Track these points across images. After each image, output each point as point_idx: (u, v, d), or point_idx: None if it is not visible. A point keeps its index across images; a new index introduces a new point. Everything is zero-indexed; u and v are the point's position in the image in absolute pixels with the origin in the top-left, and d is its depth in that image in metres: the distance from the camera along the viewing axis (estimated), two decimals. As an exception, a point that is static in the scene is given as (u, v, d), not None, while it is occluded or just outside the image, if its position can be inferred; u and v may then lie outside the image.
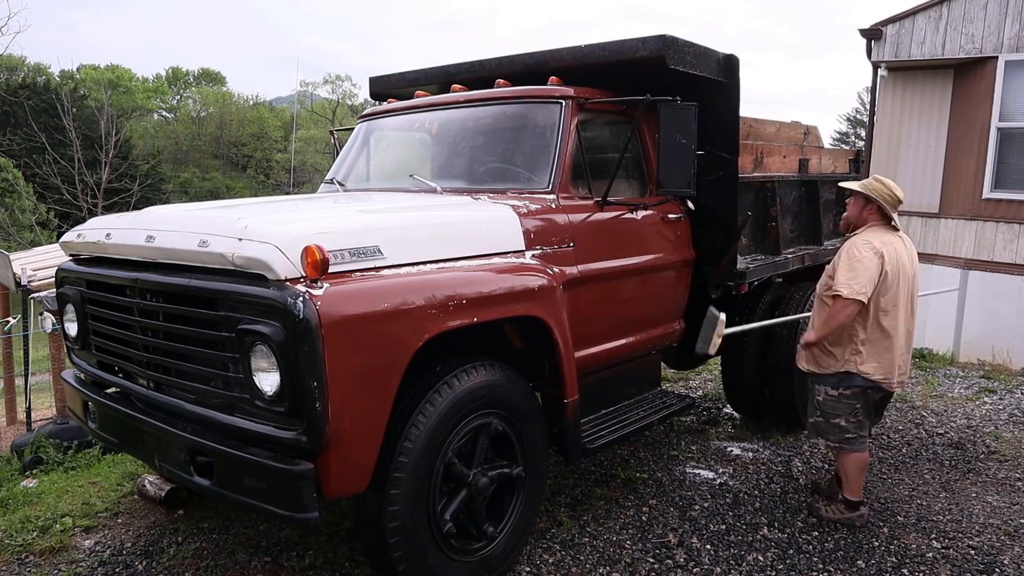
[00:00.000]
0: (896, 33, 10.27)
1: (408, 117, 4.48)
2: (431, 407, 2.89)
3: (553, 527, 3.88)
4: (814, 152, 5.71)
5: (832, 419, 3.91)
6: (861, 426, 3.90)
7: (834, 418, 3.90)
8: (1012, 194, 9.50)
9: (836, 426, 3.90)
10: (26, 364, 8.70)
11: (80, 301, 3.49)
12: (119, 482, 4.47)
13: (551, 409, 3.52)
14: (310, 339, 2.47)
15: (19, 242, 22.86)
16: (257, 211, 3.23)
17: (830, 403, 3.91)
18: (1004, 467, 4.88)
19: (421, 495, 2.89)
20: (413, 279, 2.85)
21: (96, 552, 3.66)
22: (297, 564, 3.51)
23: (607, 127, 4.14)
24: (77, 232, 3.55)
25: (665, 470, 4.72)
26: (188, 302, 2.88)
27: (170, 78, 55.71)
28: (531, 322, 3.30)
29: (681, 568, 3.52)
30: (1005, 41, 9.43)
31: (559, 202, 3.64)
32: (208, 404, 2.92)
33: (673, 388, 6.64)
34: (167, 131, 45.49)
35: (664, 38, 3.76)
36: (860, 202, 3.90)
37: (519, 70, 4.24)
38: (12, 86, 32.18)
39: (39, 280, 7.34)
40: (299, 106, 44.20)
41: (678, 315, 4.55)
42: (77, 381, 3.64)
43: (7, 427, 8.24)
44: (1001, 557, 3.66)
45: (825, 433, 3.97)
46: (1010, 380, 7.13)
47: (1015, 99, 9.46)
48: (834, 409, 3.90)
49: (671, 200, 4.16)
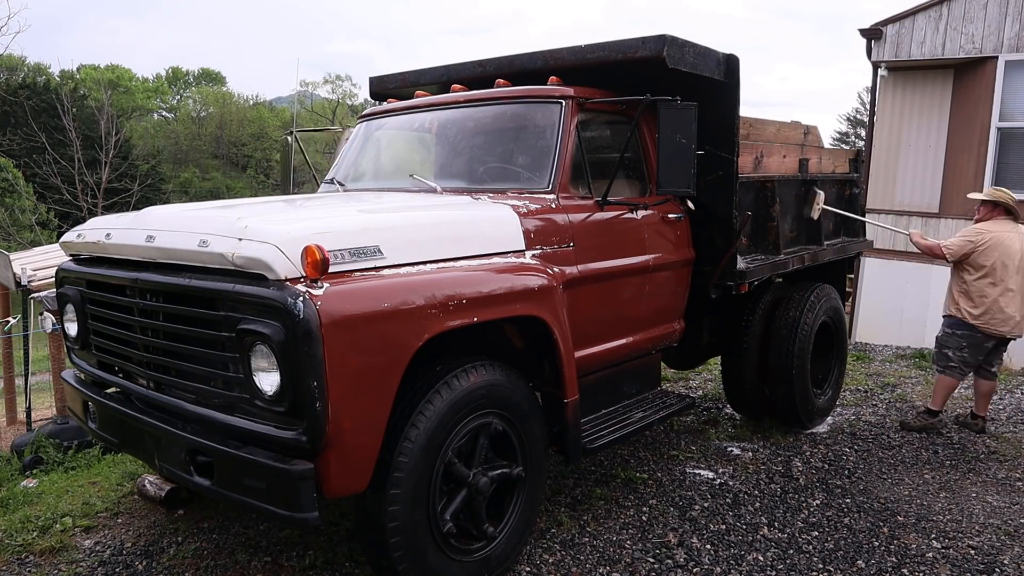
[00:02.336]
0: (896, 33, 10.26)
1: (408, 117, 4.48)
2: (431, 407, 2.89)
3: (553, 527, 3.88)
4: (814, 152, 5.71)
5: (943, 349, 5.41)
6: (964, 361, 5.34)
7: (944, 348, 5.40)
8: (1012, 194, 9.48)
9: (943, 355, 5.40)
10: (26, 364, 8.69)
11: (80, 301, 3.49)
12: (119, 482, 4.47)
13: (551, 409, 3.51)
14: (310, 339, 2.47)
15: (19, 242, 22.85)
16: (257, 211, 3.23)
17: (943, 338, 5.43)
18: (1004, 467, 4.88)
19: (421, 495, 2.88)
20: (413, 279, 2.85)
21: (96, 552, 3.67)
22: (297, 564, 3.51)
23: (607, 127, 4.14)
24: (77, 232, 3.55)
25: (665, 470, 4.72)
26: (188, 302, 2.88)
27: (170, 78, 55.69)
28: (531, 322, 3.30)
29: (681, 568, 3.52)
30: (1005, 41, 9.42)
31: (559, 202, 3.64)
32: (208, 404, 2.92)
33: (673, 388, 6.64)
34: (167, 131, 45.45)
35: (664, 38, 3.76)
36: (988, 206, 5.40)
37: (519, 70, 4.24)
38: (12, 86, 32.17)
39: (39, 280, 7.34)
40: (299, 106, 44.17)
41: (678, 315, 4.55)
42: (77, 381, 3.64)
43: (7, 427, 8.24)
44: (1001, 557, 3.66)
45: (936, 360, 5.56)
46: (1010, 380, 7.12)
47: (1015, 99, 9.45)
48: (945, 342, 5.40)
49: (671, 200, 4.16)
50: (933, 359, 5.85)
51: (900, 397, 6.55)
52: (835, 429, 5.62)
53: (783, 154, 5.25)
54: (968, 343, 5.29)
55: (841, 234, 6.11)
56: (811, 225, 5.57)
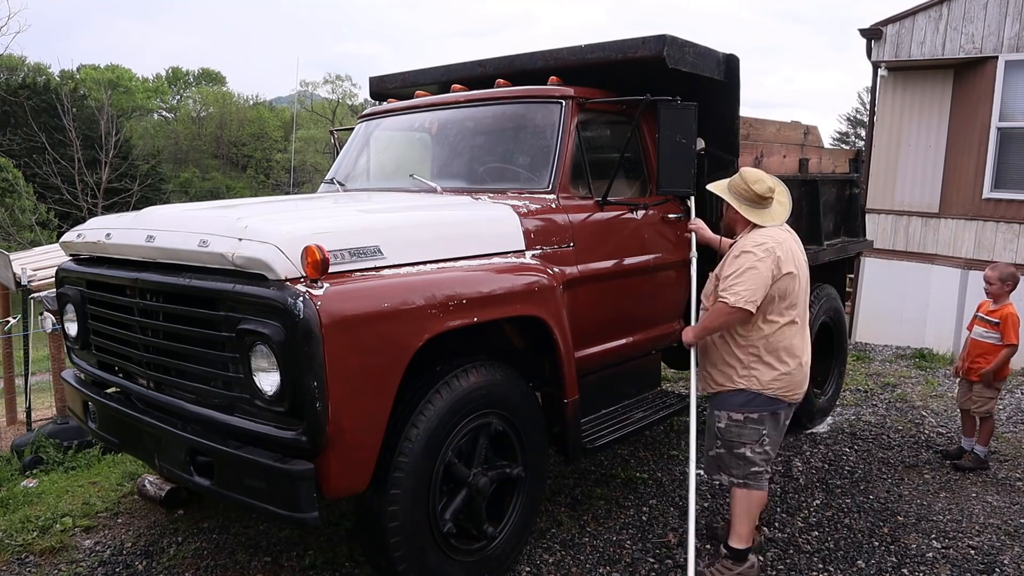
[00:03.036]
0: (896, 33, 10.26)
1: (408, 117, 4.47)
2: (431, 407, 2.89)
3: (553, 527, 3.88)
4: (814, 152, 5.71)
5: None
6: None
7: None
8: (1012, 194, 9.49)
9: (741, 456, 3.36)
10: (26, 364, 8.69)
11: (80, 301, 3.49)
12: (119, 482, 4.47)
13: (551, 409, 3.51)
14: (310, 339, 2.47)
15: (19, 242, 22.85)
16: (257, 211, 3.23)
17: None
18: (1004, 467, 4.88)
19: (421, 495, 2.88)
20: (413, 279, 2.84)
21: (96, 552, 3.66)
22: (297, 564, 3.51)
23: (607, 127, 4.14)
24: (77, 232, 3.55)
25: (665, 470, 4.72)
26: (188, 302, 2.87)
27: (170, 78, 55.67)
28: (531, 322, 3.29)
29: (681, 568, 3.52)
30: (1005, 41, 9.42)
31: (559, 202, 3.64)
32: (208, 404, 2.92)
33: (673, 388, 6.64)
34: (167, 131, 45.44)
35: (664, 38, 3.76)
36: None
37: (519, 70, 4.23)
38: (12, 86, 32.17)
39: (39, 280, 7.33)
40: (299, 106, 44.17)
41: (678, 315, 4.55)
42: (77, 381, 3.64)
43: (7, 427, 8.24)
44: (1001, 557, 3.66)
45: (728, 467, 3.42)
46: (1010, 380, 7.12)
47: (1015, 99, 9.44)
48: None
49: (671, 200, 4.16)
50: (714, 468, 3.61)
51: (900, 397, 6.55)
52: (835, 429, 5.62)
53: (783, 154, 5.25)
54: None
55: (841, 234, 6.11)
56: (811, 225, 5.56)
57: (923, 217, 10.53)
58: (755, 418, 3.33)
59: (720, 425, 3.42)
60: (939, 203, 10.43)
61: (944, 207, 10.36)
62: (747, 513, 3.38)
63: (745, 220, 3.40)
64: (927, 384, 7.00)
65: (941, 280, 9.97)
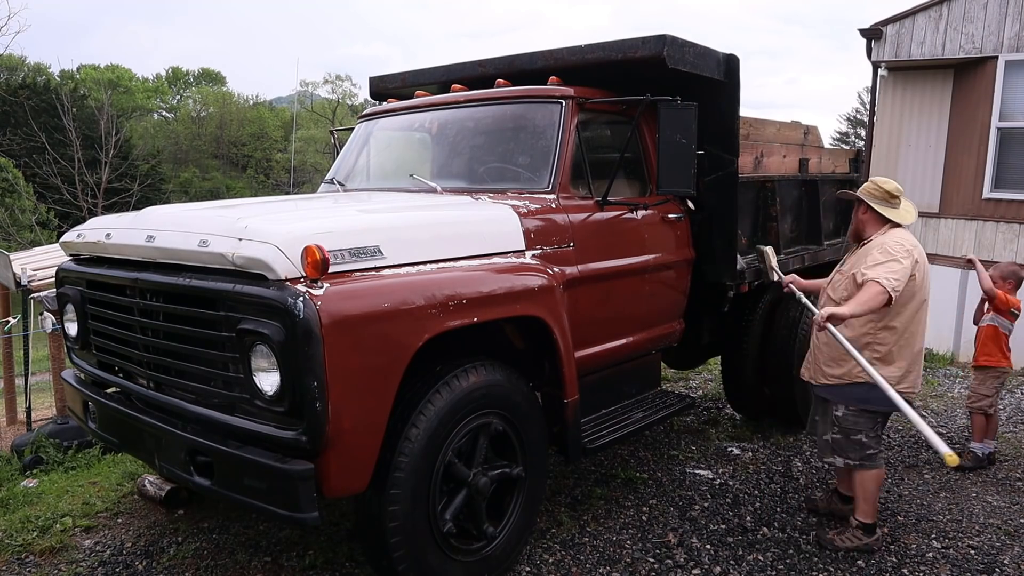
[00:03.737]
0: (896, 33, 10.26)
1: (408, 117, 4.47)
2: (431, 407, 2.89)
3: (553, 527, 3.88)
4: (814, 152, 5.71)
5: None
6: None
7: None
8: (1012, 194, 9.49)
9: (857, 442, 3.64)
10: (26, 364, 8.69)
11: (80, 301, 3.49)
12: (119, 482, 4.47)
13: (551, 409, 3.51)
14: (310, 339, 2.47)
15: (19, 242, 22.84)
16: (257, 211, 3.23)
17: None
18: (1004, 467, 4.88)
19: (421, 495, 2.89)
20: (413, 279, 2.84)
21: (96, 552, 3.66)
22: (297, 564, 3.51)
23: (607, 127, 4.14)
24: (77, 232, 3.55)
25: (665, 470, 4.72)
26: (188, 302, 2.88)
27: (170, 78, 55.67)
28: (531, 322, 3.29)
29: (681, 568, 3.52)
30: (1005, 41, 9.42)
31: (559, 202, 3.64)
32: (208, 404, 2.92)
33: (673, 388, 6.64)
34: (167, 131, 45.42)
35: (664, 38, 3.76)
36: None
37: (519, 70, 4.24)
38: (12, 86, 32.16)
39: (39, 280, 7.33)
40: (299, 106, 44.18)
41: (678, 315, 4.55)
42: (77, 381, 3.64)
43: (7, 427, 8.23)
44: (1001, 557, 3.66)
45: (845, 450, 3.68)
46: (1010, 380, 7.12)
47: (1015, 99, 9.44)
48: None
49: (671, 200, 4.16)
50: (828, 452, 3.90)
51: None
52: (835, 429, 5.61)
53: (783, 154, 5.25)
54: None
55: (841, 234, 6.11)
56: (811, 225, 5.57)
57: (923, 217, 10.53)
58: (872, 411, 3.61)
59: (838, 414, 3.70)
60: (939, 203, 10.43)
61: (944, 207, 10.36)
62: (867, 491, 3.69)
63: (876, 222, 3.69)
64: (927, 384, 7.00)
65: (941, 280, 9.95)
